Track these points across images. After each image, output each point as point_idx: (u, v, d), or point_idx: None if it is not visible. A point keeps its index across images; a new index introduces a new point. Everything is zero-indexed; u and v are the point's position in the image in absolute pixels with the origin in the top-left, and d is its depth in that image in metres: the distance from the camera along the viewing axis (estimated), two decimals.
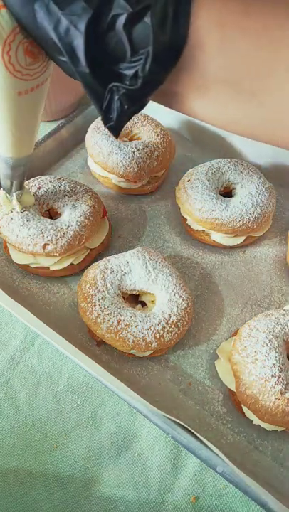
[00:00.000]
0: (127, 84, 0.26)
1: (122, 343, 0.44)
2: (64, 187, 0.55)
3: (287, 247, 0.60)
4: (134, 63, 0.25)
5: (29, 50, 0.29)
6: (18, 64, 0.29)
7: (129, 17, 0.23)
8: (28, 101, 0.34)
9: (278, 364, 0.41)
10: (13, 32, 0.27)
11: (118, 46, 0.25)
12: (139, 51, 0.24)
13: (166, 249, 0.60)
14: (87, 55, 0.25)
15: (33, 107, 0.35)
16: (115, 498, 0.42)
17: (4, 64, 0.29)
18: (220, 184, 0.59)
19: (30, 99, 0.33)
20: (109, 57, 0.25)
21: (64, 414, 0.46)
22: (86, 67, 0.25)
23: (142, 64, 0.25)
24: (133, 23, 0.24)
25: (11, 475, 0.43)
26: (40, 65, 0.31)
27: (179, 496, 0.42)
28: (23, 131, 0.38)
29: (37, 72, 0.31)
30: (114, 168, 0.59)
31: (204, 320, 0.53)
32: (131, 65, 0.25)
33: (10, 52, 0.28)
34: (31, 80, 0.32)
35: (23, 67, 0.30)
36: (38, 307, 0.53)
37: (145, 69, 0.25)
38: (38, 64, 0.31)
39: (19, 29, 0.27)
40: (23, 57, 0.29)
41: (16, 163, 0.41)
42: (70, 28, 0.24)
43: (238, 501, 0.42)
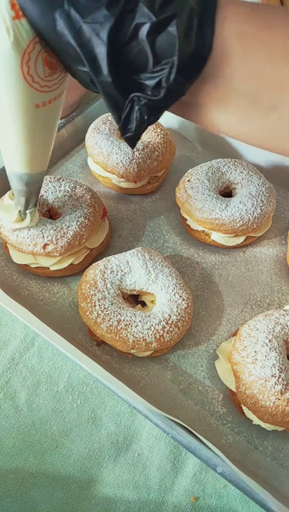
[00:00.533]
0: (148, 95, 0.25)
1: (122, 343, 0.44)
2: (64, 187, 0.55)
3: (287, 247, 0.60)
4: (156, 73, 0.25)
5: (48, 61, 0.28)
6: (36, 75, 0.29)
7: (153, 26, 0.23)
8: (45, 114, 0.33)
9: (278, 364, 0.41)
10: (32, 41, 0.27)
11: (140, 56, 0.24)
12: (161, 61, 0.24)
13: (166, 249, 0.60)
14: (109, 64, 0.24)
15: (49, 120, 0.35)
16: (115, 498, 0.42)
17: (23, 75, 0.28)
18: (220, 184, 0.59)
19: (46, 112, 0.33)
20: (131, 67, 0.25)
21: (64, 414, 0.46)
22: (108, 76, 0.25)
23: (166, 74, 0.24)
24: (156, 33, 0.23)
25: (11, 475, 0.43)
26: (58, 77, 0.31)
27: (179, 495, 0.42)
28: (39, 146, 0.37)
29: (54, 83, 0.31)
30: (114, 168, 0.59)
31: (204, 320, 0.53)
32: (153, 75, 0.25)
33: (29, 63, 0.28)
34: (49, 92, 0.31)
35: (41, 79, 0.29)
36: (38, 307, 0.53)
37: (169, 79, 0.24)
38: (55, 75, 0.30)
39: (38, 39, 0.27)
40: (41, 68, 0.29)
41: (30, 179, 0.40)
42: (91, 36, 0.24)
43: (238, 501, 0.42)
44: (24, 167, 0.39)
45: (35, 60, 0.28)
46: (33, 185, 0.42)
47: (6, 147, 0.37)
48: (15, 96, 0.30)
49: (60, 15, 0.24)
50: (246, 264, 0.59)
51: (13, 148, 0.36)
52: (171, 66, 0.24)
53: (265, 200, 0.56)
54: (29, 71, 0.28)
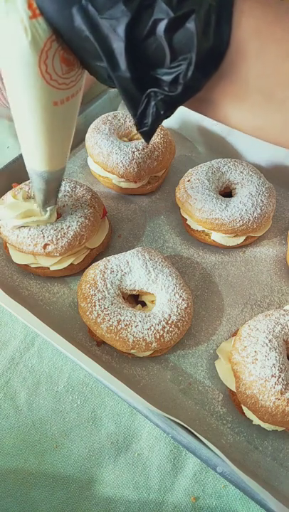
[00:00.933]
0: (165, 90, 0.26)
1: (122, 343, 0.44)
2: (64, 187, 0.55)
3: (287, 247, 0.60)
4: (173, 69, 0.25)
5: (65, 58, 0.29)
6: (54, 73, 0.29)
7: (171, 22, 0.23)
8: (63, 111, 0.33)
9: (278, 364, 0.41)
10: (49, 40, 0.27)
11: (158, 51, 0.24)
12: (179, 57, 0.24)
13: (166, 249, 0.60)
14: (127, 59, 0.25)
15: (67, 117, 0.35)
16: (115, 498, 0.42)
17: (41, 74, 0.28)
18: (220, 184, 0.59)
19: (65, 109, 0.33)
20: (148, 62, 0.25)
21: (64, 414, 0.46)
22: (126, 72, 0.25)
23: (184, 70, 0.25)
24: (174, 29, 0.24)
25: (11, 475, 0.43)
26: (75, 74, 0.31)
27: (179, 496, 0.42)
28: (58, 143, 0.37)
29: (72, 81, 0.31)
30: (114, 168, 0.59)
31: (204, 320, 0.53)
32: (170, 70, 0.25)
33: (47, 61, 0.28)
34: (67, 89, 0.31)
35: (59, 76, 0.30)
36: (38, 307, 0.53)
37: (187, 75, 0.25)
38: (73, 72, 0.30)
39: (55, 36, 0.27)
40: (59, 66, 0.29)
41: (50, 176, 0.41)
42: (109, 32, 0.24)
43: (238, 501, 0.42)
44: (44, 165, 0.39)
45: (53, 58, 0.28)
46: (52, 182, 0.42)
47: (25, 145, 0.37)
48: (33, 94, 0.30)
49: (77, 11, 0.24)
50: (246, 264, 0.59)
51: (32, 146, 0.36)
52: (188, 62, 0.24)
53: (265, 200, 0.56)
54: (47, 69, 0.28)
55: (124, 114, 0.64)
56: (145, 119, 0.28)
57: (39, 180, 0.41)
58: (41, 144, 0.36)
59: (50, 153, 0.37)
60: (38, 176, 0.41)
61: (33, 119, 0.33)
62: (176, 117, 0.72)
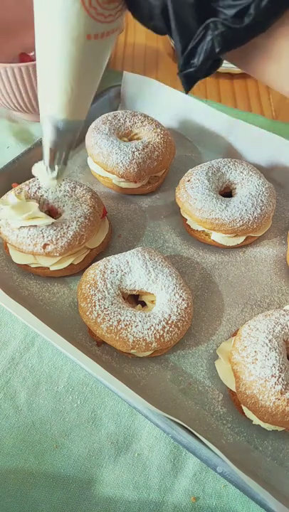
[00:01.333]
0: (229, 22, 0.23)
1: (122, 343, 0.44)
2: (64, 187, 0.55)
3: (287, 247, 0.60)
4: (237, 1, 0.23)
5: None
6: None
7: None
8: (95, 48, 0.31)
9: (278, 364, 0.41)
10: None
11: None
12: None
13: (166, 249, 0.60)
14: None
15: (97, 57, 0.32)
16: (115, 498, 0.42)
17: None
18: (220, 184, 0.59)
19: (97, 46, 0.30)
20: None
21: (64, 414, 0.46)
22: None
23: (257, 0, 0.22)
24: None
25: (11, 475, 0.43)
26: (115, 8, 0.29)
27: (179, 496, 0.42)
28: (82, 87, 0.34)
29: (110, 15, 0.29)
30: (114, 169, 0.59)
31: (204, 320, 0.53)
32: (235, 3, 0.23)
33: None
34: (103, 22, 0.29)
35: (98, 4, 0.27)
36: (38, 307, 0.53)
37: (260, 5, 0.22)
38: (113, 5, 0.28)
39: None
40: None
41: (66, 127, 0.37)
42: None
43: (238, 501, 0.42)
44: (62, 111, 0.35)
45: None
46: (67, 134, 0.38)
47: (48, 88, 0.34)
48: (68, 19, 0.28)
49: None
50: (246, 264, 0.59)
51: (54, 84, 0.33)
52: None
53: (265, 200, 0.56)
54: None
55: (124, 114, 0.64)
56: (194, 58, 0.26)
57: (52, 131, 0.37)
58: (64, 84, 0.33)
59: (72, 98, 0.34)
60: (51, 125, 0.37)
61: (62, 50, 0.30)
62: (176, 117, 0.72)
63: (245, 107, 0.83)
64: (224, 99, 0.84)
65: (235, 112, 0.79)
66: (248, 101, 0.84)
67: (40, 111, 0.37)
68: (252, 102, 0.84)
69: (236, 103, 0.84)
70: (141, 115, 0.64)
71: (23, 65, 0.59)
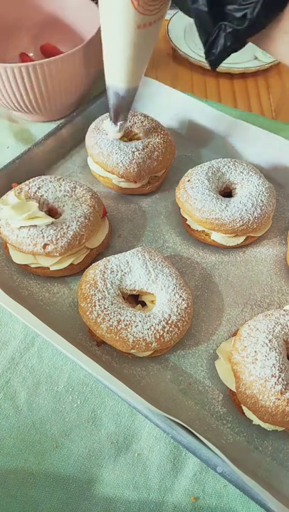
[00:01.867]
0: (234, 24, 0.30)
1: (122, 343, 0.44)
2: (64, 187, 0.55)
3: (287, 247, 0.60)
4: (243, 6, 0.29)
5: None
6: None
7: None
8: (145, 35, 0.40)
9: (278, 364, 0.41)
10: None
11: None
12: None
13: (166, 249, 0.60)
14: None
15: (147, 40, 0.42)
16: (115, 498, 0.42)
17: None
18: (220, 184, 0.59)
19: (146, 33, 0.40)
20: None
21: (64, 414, 0.46)
22: (204, 5, 0.31)
23: (252, 7, 0.29)
24: None
25: (11, 475, 0.43)
26: (159, 3, 0.37)
27: (179, 496, 0.42)
28: (136, 63, 0.44)
29: (156, 8, 0.38)
30: (114, 169, 0.59)
31: (204, 320, 0.53)
32: (241, 7, 0.29)
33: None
34: (150, 15, 0.38)
35: (145, 3, 0.36)
36: (38, 307, 0.53)
37: (254, 12, 0.29)
38: (157, 1, 0.37)
39: None
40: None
41: (125, 93, 0.48)
42: None
43: (238, 501, 0.42)
44: (122, 81, 0.46)
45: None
46: (126, 98, 0.49)
47: (111, 64, 0.45)
48: (122, 17, 0.38)
49: None
50: (246, 264, 0.59)
51: (118, 64, 0.44)
52: (257, 1, 0.29)
53: (265, 200, 0.56)
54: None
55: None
56: (213, 49, 0.33)
57: (115, 96, 0.49)
58: (122, 62, 0.43)
59: (129, 71, 0.45)
60: (114, 92, 0.49)
61: (121, 39, 0.40)
62: (176, 117, 0.72)
63: (245, 107, 0.83)
64: (224, 99, 0.84)
65: (236, 112, 0.79)
66: (248, 101, 0.84)
67: (106, 80, 0.48)
68: (252, 102, 0.84)
69: (236, 103, 0.84)
70: (141, 115, 0.64)
71: (23, 65, 0.59)
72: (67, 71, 0.63)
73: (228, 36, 0.31)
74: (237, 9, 0.30)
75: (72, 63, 0.62)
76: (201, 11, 0.31)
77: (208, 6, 0.31)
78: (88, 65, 0.66)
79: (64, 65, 0.62)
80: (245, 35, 0.31)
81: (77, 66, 0.64)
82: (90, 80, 0.70)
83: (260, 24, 0.30)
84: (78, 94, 0.71)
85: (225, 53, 0.33)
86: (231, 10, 0.30)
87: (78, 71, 0.65)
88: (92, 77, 0.70)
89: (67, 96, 0.68)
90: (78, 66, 0.64)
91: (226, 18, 0.31)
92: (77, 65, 0.64)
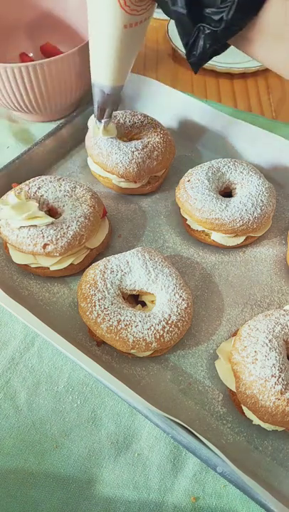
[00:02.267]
0: (212, 26, 0.32)
1: (122, 343, 0.44)
2: (64, 187, 0.55)
3: (287, 247, 0.60)
4: (221, 9, 0.31)
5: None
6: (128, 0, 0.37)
7: None
8: (131, 34, 0.41)
9: (278, 364, 0.41)
10: None
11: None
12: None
13: (166, 249, 0.60)
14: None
15: (134, 40, 0.43)
16: (115, 498, 0.42)
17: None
18: (220, 184, 0.59)
19: (133, 32, 0.41)
20: (202, 2, 0.31)
21: (64, 414, 0.46)
22: (183, 8, 0.32)
23: (228, 10, 0.30)
24: None
25: (11, 475, 0.43)
26: (146, 3, 0.38)
27: (179, 496, 0.42)
28: (122, 63, 0.45)
29: (143, 9, 0.39)
30: (114, 169, 0.59)
31: (204, 320, 0.53)
32: (218, 10, 0.31)
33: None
34: (136, 15, 0.39)
35: (132, 3, 0.37)
36: (38, 307, 0.53)
37: (229, 14, 0.30)
38: (144, 1, 0.38)
39: None
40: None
41: (110, 91, 0.49)
42: None
43: (238, 501, 0.42)
44: (107, 79, 0.47)
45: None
46: (110, 96, 0.50)
47: (97, 62, 0.46)
48: (109, 16, 0.38)
49: None
50: (246, 264, 0.59)
51: (104, 62, 0.45)
52: (232, 3, 0.30)
53: (265, 200, 0.56)
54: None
55: (124, 114, 0.64)
56: (194, 50, 0.34)
57: (100, 94, 0.50)
58: (108, 61, 0.44)
59: (114, 70, 0.46)
60: (100, 89, 0.49)
61: (107, 37, 0.41)
62: (176, 117, 0.72)
63: (245, 107, 0.83)
64: (224, 99, 0.84)
65: (236, 112, 0.79)
66: (248, 101, 0.84)
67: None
68: (252, 102, 0.84)
69: (236, 103, 0.84)
70: (141, 115, 0.64)
71: (23, 65, 0.59)
72: (67, 71, 0.63)
73: (206, 37, 0.32)
74: (215, 12, 0.31)
75: (72, 63, 0.62)
76: (181, 13, 0.32)
77: (186, 9, 0.32)
78: (88, 65, 0.65)
79: (64, 65, 0.62)
80: (223, 37, 0.32)
81: (77, 66, 0.64)
82: (90, 80, 0.70)
83: (237, 25, 0.31)
84: (78, 94, 0.71)
85: (205, 55, 0.34)
86: (210, 13, 0.31)
87: (78, 71, 0.65)
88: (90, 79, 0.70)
89: (67, 96, 0.68)
90: (78, 66, 0.64)
91: (204, 21, 0.32)
92: (77, 65, 0.64)
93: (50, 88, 0.64)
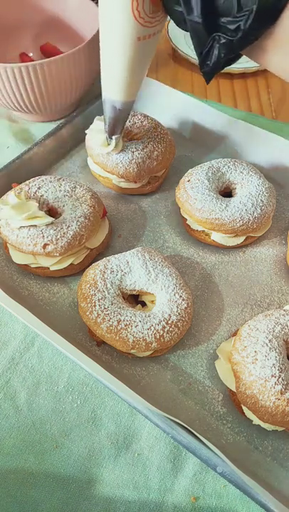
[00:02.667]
0: (228, 35, 0.31)
1: (122, 343, 0.44)
2: (64, 187, 0.55)
3: (287, 247, 0.60)
4: (237, 18, 0.30)
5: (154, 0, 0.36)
6: (143, 11, 0.36)
7: None
8: (144, 47, 0.40)
9: (278, 364, 0.41)
10: None
11: (227, 3, 0.30)
12: (243, 8, 0.29)
13: (166, 249, 0.60)
14: (202, 7, 0.31)
15: (146, 53, 0.42)
16: (115, 498, 0.42)
17: (132, 10, 0.36)
18: (220, 184, 0.59)
19: (146, 45, 0.40)
20: (217, 11, 0.31)
21: (64, 414, 0.46)
22: (199, 17, 0.31)
23: (245, 19, 0.30)
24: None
25: (11, 475, 0.43)
26: (159, 15, 0.38)
27: (179, 495, 0.42)
28: (134, 76, 0.44)
29: (156, 20, 0.38)
30: (114, 169, 0.59)
31: (204, 320, 0.53)
32: (235, 19, 0.30)
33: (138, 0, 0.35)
34: (150, 27, 0.38)
35: (146, 14, 0.37)
36: (38, 307, 0.53)
37: (246, 24, 0.30)
38: (157, 13, 0.37)
39: None
40: (148, 5, 0.36)
41: (122, 106, 0.48)
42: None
43: (238, 501, 0.42)
44: (119, 95, 0.47)
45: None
46: (122, 112, 0.50)
47: (109, 76, 0.45)
48: (123, 28, 0.38)
49: None
50: (246, 264, 0.59)
51: (116, 76, 0.44)
52: (249, 13, 0.29)
53: (265, 200, 0.56)
54: (138, 7, 0.36)
55: None
56: (208, 60, 0.34)
57: (111, 110, 0.49)
58: (120, 75, 0.43)
59: (126, 85, 0.45)
60: (111, 105, 0.49)
61: (120, 50, 0.40)
62: (176, 117, 0.72)
63: (245, 107, 0.83)
64: (224, 99, 0.84)
65: (236, 112, 0.79)
66: (248, 101, 0.84)
67: (102, 93, 0.48)
68: (252, 102, 0.84)
69: (236, 103, 0.84)
70: (141, 115, 0.64)
71: (23, 65, 0.59)
72: (67, 71, 0.63)
73: (222, 47, 0.32)
74: (231, 21, 0.30)
75: (72, 63, 0.62)
76: (196, 22, 0.32)
77: (202, 18, 0.31)
78: (88, 65, 0.66)
79: (64, 65, 0.62)
80: (239, 47, 0.32)
81: (77, 66, 0.64)
82: (90, 80, 0.70)
83: (253, 35, 0.31)
84: (78, 94, 0.71)
85: (219, 65, 0.34)
86: (225, 22, 0.31)
87: (78, 71, 0.65)
88: (92, 77, 0.70)
89: (67, 96, 0.68)
90: (78, 66, 0.64)
91: (219, 30, 0.32)
92: (77, 65, 0.64)
93: (50, 88, 0.64)
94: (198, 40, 0.33)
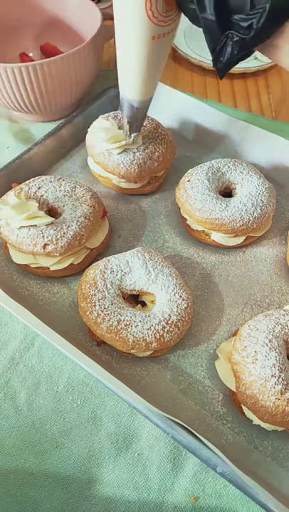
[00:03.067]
0: (241, 33, 0.31)
1: (122, 343, 0.44)
2: (64, 187, 0.55)
3: (287, 247, 0.60)
4: (250, 16, 0.30)
5: None
6: (156, 11, 0.37)
7: None
8: (159, 45, 0.41)
9: (278, 364, 0.41)
10: None
11: (240, 0, 0.30)
12: (256, 6, 0.29)
13: (166, 249, 0.60)
14: (214, 4, 0.31)
15: (161, 51, 0.42)
16: (115, 498, 0.42)
17: (145, 9, 0.36)
18: (220, 184, 0.59)
19: (160, 44, 0.41)
20: (230, 9, 0.31)
21: (64, 414, 0.46)
22: (212, 14, 0.32)
23: (258, 18, 0.30)
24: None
25: (11, 475, 0.43)
26: (173, 14, 0.38)
27: (179, 495, 0.42)
28: (150, 75, 0.44)
29: (170, 19, 0.39)
30: (115, 169, 0.59)
31: (204, 320, 0.53)
32: (247, 17, 0.30)
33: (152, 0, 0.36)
34: (164, 26, 0.39)
35: (159, 14, 0.37)
36: (38, 307, 0.53)
37: (259, 22, 0.30)
38: (171, 12, 0.38)
39: None
40: (161, 5, 0.36)
41: (139, 105, 0.49)
42: None
43: (238, 501, 0.42)
44: (136, 94, 0.47)
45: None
46: (140, 110, 0.50)
47: (125, 75, 0.45)
48: (138, 28, 0.38)
49: None
50: (246, 264, 0.59)
51: (132, 75, 0.44)
52: (262, 11, 0.29)
53: (265, 200, 0.56)
54: (151, 7, 0.36)
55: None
56: (221, 56, 0.34)
57: (129, 108, 0.50)
58: (136, 74, 0.44)
59: (142, 84, 0.45)
60: (128, 104, 0.49)
61: (135, 49, 0.41)
62: (176, 117, 0.72)
63: (245, 107, 0.83)
64: (224, 99, 0.84)
65: (236, 112, 0.79)
66: (248, 101, 0.84)
67: (120, 92, 0.49)
68: (252, 102, 0.84)
69: (236, 103, 0.84)
70: None
71: (23, 65, 0.59)
72: (67, 71, 0.63)
73: (234, 45, 0.32)
74: (244, 19, 0.31)
75: (72, 63, 0.63)
76: (209, 20, 0.32)
77: (215, 16, 0.31)
78: (88, 65, 0.66)
79: (64, 65, 0.62)
80: (252, 44, 0.32)
81: (77, 66, 0.64)
82: (90, 80, 0.70)
83: (266, 33, 0.31)
84: (78, 94, 0.71)
85: (232, 61, 0.34)
86: (238, 19, 0.31)
87: (78, 71, 0.65)
88: (92, 77, 0.70)
89: (67, 96, 0.68)
90: (78, 66, 0.64)
91: (232, 27, 0.32)
92: (77, 65, 0.64)
93: (50, 88, 0.64)
94: (211, 37, 0.33)
